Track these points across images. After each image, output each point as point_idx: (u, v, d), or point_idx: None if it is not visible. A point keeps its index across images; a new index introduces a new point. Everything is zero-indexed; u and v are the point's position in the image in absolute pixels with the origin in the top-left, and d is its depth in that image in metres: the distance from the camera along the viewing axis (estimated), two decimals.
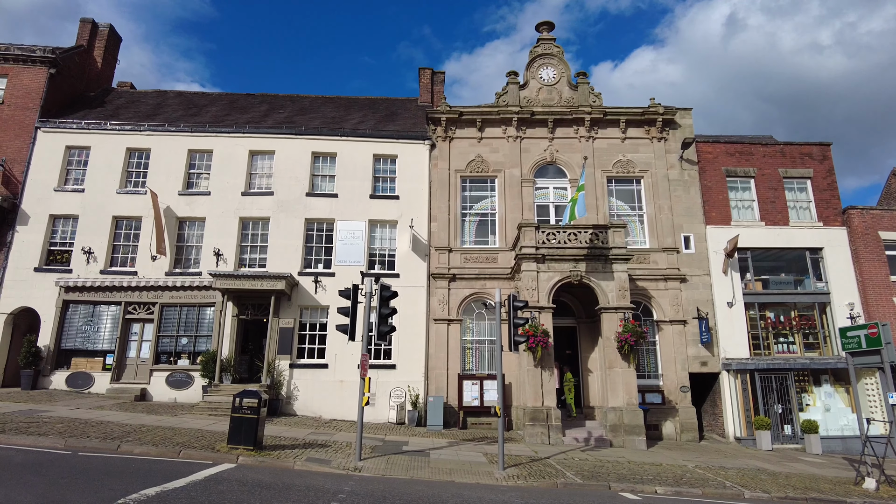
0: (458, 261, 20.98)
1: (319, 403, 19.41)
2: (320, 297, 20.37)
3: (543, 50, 23.50)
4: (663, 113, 22.36)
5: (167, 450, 11.45)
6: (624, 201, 22.11)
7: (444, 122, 22.23)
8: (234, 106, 25.20)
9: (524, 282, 18.12)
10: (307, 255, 21.19)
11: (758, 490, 12.21)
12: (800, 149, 22.85)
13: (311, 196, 21.63)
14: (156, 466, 10.05)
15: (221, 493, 8.31)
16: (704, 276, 20.99)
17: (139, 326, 20.33)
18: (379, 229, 21.62)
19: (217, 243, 20.83)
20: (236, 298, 20.26)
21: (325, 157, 22.33)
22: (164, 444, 11.94)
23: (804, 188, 22.41)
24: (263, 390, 18.26)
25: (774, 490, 12.35)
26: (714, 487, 12.15)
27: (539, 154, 22.27)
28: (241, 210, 21.39)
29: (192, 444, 12.11)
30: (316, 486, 9.64)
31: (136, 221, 21.10)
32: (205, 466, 10.37)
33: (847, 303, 20.65)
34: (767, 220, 21.78)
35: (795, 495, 12.13)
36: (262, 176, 22.13)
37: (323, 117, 24.14)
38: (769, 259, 21.71)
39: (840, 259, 21.33)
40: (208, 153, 22.16)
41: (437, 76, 26.01)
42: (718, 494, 11.79)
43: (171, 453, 11.33)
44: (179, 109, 24.42)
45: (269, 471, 10.71)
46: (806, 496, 12.13)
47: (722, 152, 22.58)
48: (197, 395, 19.12)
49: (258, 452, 11.86)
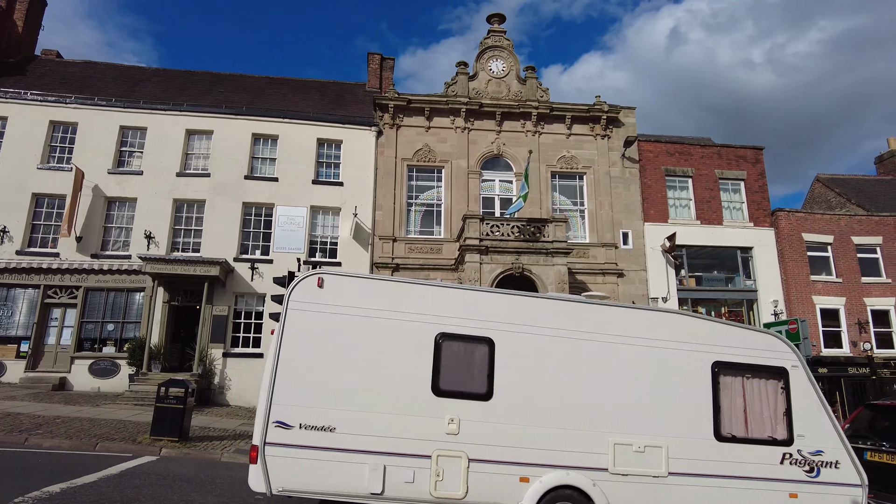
0: (403, 250, 20.75)
1: (253, 393, 18.60)
2: (257, 285, 19.72)
3: (494, 42, 23.43)
4: (608, 111, 22.74)
5: (82, 442, 10.78)
6: (567, 196, 22.41)
7: (391, 108, 21.87)
8: (173, 82, 23.97)
9: (467, 273, 18.10)
10: (244, 241, 20.44)
11: None
12: (735, 151, 23.76)
13: (251, 179, 20.85)
14: (67, 461, 9.41)
15: (136, 489, 7.86)
16: (641, 272, 21.56)
17: (60, 311, 19.11)
18: (321, 216, 21.10)
19: (149, 225, 19.80)
20: (168, 284, 19.35)
21: (266, 139, 21.56)
22: (80, 436, 11.25)
23: (738, 189, 23.33)
24: (194, 379, 17.54)
25: None
26: None
27: (486, 146, 22.25)
28: (176, 191, 20.41)
29: (111, 437, 11.47)
30: (242, 478, 9.20)
31: (59, 200, 19.74)
32: (123, 460, 9.82)
33: (772, 300, 21.68)
34: (703, 219, 22.56)
35: None
36: (199, 157, 21.16)
37: (267, 98, 23.31)
38: (703, 256, 22.52)
39: (768, 258, 22.36)
40: (142, 131, 20.99)
41: (387, 62, 25.52)
42: None
43: (87, 446, 10.67)
44: (112, 83, 23.00)
45: (193, 463, 10.27)
46: None
47: (662, 152, 23.21)
48: (123, 385, 18.16)
49: (183, 444, 11.36)
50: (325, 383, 6.20)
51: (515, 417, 6.37)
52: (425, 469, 6.08)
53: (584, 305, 7.11)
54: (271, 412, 6.01)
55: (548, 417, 6.45)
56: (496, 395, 6.39)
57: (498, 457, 6.22)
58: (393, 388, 6.26)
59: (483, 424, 6.28)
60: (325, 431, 6.04)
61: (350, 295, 6.48)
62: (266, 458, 5.90)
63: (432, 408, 6.24)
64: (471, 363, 6.49)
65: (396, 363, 6.35)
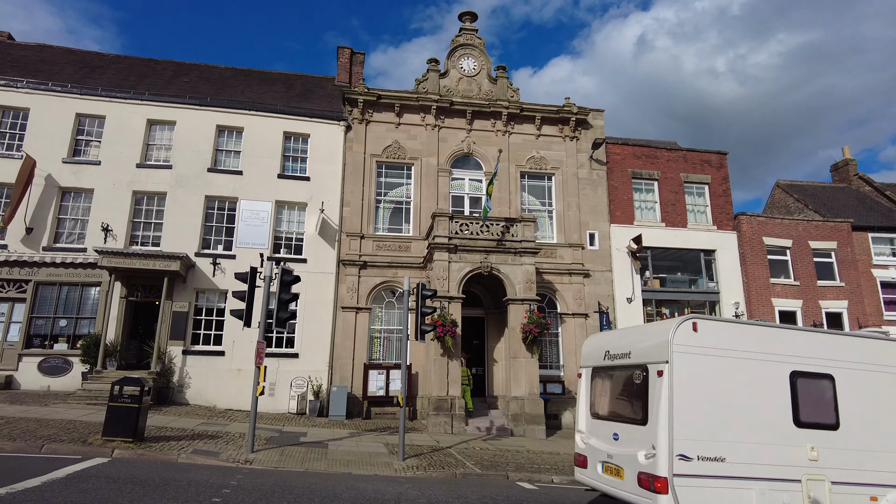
0: (371, 248, 20.46)
1: (214, 392, 18.33)
2: (219, 281, 19.17)
3: (465, 40, 23.30)
4: (577, 112, 22.88)
5: (27, 444, 10.24)
6: (535, 196, 22.48)
7: (361, 103, 21.54)
8: (134, 70, 23.13)
9: (436, 271, 17.95)
10: (206, 235, 19.84)
11: None
12: (700, 155, 24.22)
13: (214, 172, 20.25)
14: (9, 464, 8.89)
15: (83, 493, 7.46)
16: (606, 273, 21.78)
17: (7, 306, 18.20)
18: (286, 211, 20.65)
19: (106, 218, 19.03)
20: (126, 278, 18.65)
21: (231, 131, 20.96)
22: (25, 437, 10.70)
23: (702, 193, 23.78)
24: (152, 378, 16.97)
25: None
26: None
27: (457, 144, 22.13)
28: (136, 183, 19.69)
29: (59, 438, 10.94)
30: (199, 480, 8.96)
31: (6, 189, 18.83)
32: (71, 462, 9.35)
33: (733, 302, 22.17)
34: (668, 222, 22.92)
35: None
36: (161, 148, 20.47)
37: (232, 89, 22.70)
38: (668, 258, 22.88)
39: (730, 261, 22.85)
40: (100, 119, 20.17)
41: (357, 57, 25.17)
42: None
43: (32, 448, 10.14)
44: (68, 68, 22.07)
45: (147, 465, 9.86)
46: None
47: (630, 154, 23.49)
48: (75, 383, 17.42)
49: (138, 445, 10.93)
50: (713, 418, 6.96)
51: (860, 443, 7.46)
52: (797, 492, 7.02)
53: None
54: (674, 446, 6.67)
55: (887, 442, 7.58)
56: (842, 424, 7.47)
57: (851, 479, 7.29)
58: (765, 421, 7.17)
59: (835, 451, 7.33)
60: (717, 462, 6.82)
61: (718, 337, 7.27)
62: (675, 488, 6.58)
63: (796, 437, 7.25)
64: (819, 397, 7.52)
65: (765, 398, 7.26)
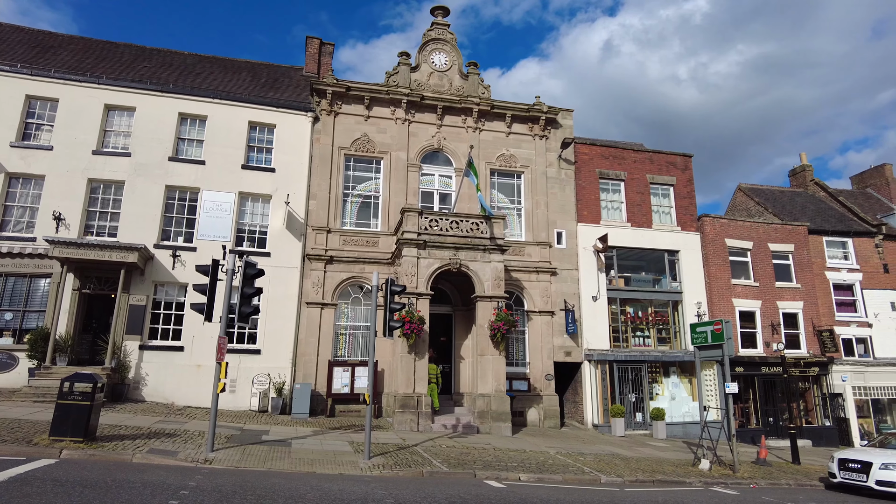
0: (337, 242, 20.08)
1: (173, 389, 17.68)
2: (178, 274, 18.50)
3: (437, 34, 23.09)
4: (547, 111, 22.94)
5: None
6: (504, 194, 22.46)
7: (329, 95, 21.10)
8: (90, 52, 22.11)
9: (404, 267, 17.72)
10: (166, 227, 19.13)
11: (612, 475, 12.83)
12: (666, 157, 24.60)
13: (175, 161, 19.53)
14: None
15: (26, 497, 6.98)
16: (573, 271, 21.92)
17: None
18: (250, 203, 20.07)
19: (58, 206, 18.13)
20: (79, 270, 17.82)
21: (193, 119, 20.25)
22: None
23: (668, 194, 24.17)
24: (106, 374, 16.26)
25: (627, 474, 13.06)
26: (574, 473, 12.59)
27: (427, 140, 21.91)
28: (91, 170, 18.82)
29: (1, 438, 10.31)
30: (155, 482, 8.53)
31: None
32: (14, 464, 8.78)
33: (696, 301, 22.60)
34: (633, 222, 23.21)
35: (644, 478, 12.92)
36: (119, 134, 19.63)
37: (195, 76, 21.92)
38: (633, 258, 23.17)
39: (693, 261, 23.30)
40: (53, 102, 19.22)
41: (326, 47, 24.63)
42: (578, 480, 12.21)
43: None
44: (18, 48, 20.93)
45: (99, 466, 9.36)
46: (653, 478, 12.97)
47: (598, 155, 23.70)
48: (21, 380, 16.54)
49: (89, 444, 10.38)
50: None
51: None
52: None
53: None
54: None
55: None
56: None
57: None
58: None
59: None
60: None
61: None
62: None
63: None
64: None
65: None
